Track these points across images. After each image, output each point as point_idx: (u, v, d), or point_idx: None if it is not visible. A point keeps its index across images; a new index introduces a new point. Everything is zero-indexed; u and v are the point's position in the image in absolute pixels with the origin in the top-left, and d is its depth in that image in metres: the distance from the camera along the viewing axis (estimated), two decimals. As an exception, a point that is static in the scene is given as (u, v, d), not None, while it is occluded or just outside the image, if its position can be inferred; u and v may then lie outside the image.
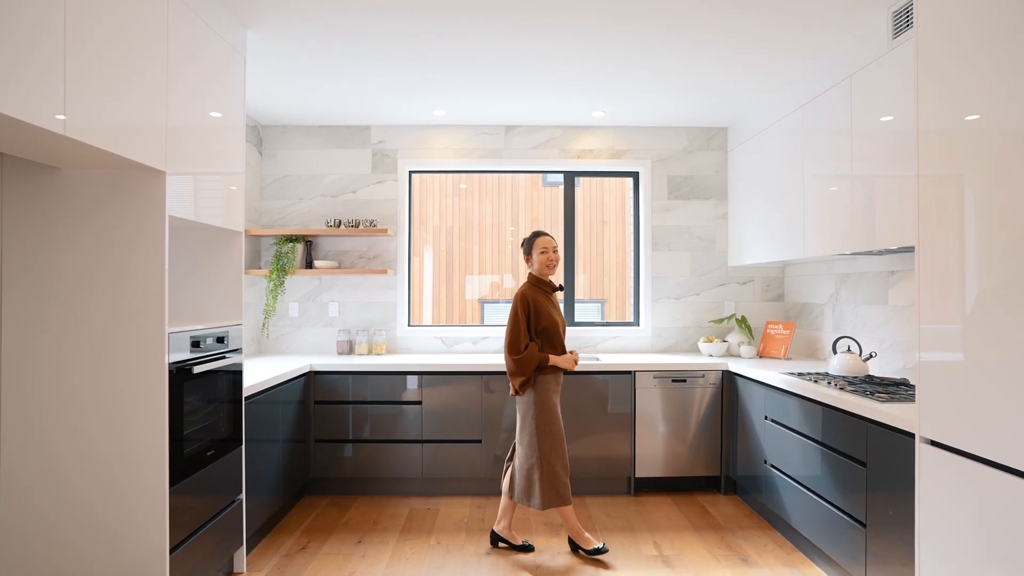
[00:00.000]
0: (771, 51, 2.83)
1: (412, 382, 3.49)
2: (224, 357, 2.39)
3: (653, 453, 3.51)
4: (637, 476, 3.52)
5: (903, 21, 2.37)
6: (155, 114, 1.91)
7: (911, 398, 2.29)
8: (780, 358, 3.66)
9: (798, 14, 2.46)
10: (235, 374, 2.50)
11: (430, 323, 4.82)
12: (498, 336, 4.09)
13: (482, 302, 6.56)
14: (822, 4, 2.40)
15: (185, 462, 2.10)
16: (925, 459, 1.88)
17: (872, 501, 2.21)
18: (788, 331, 3.69)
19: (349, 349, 3.92)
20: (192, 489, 2.14)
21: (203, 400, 2.26)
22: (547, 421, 2.69)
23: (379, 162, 4.07)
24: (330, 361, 3.55)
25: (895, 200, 2.42)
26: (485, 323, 5.84)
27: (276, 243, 3.88)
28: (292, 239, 3.88)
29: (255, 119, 3.92)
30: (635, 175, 4.22)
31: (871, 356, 2.88)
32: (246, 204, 3.82)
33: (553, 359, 2.73)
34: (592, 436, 3.50)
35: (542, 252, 2.78)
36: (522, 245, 2.93)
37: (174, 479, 2.01)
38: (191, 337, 2.16)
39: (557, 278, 3.04)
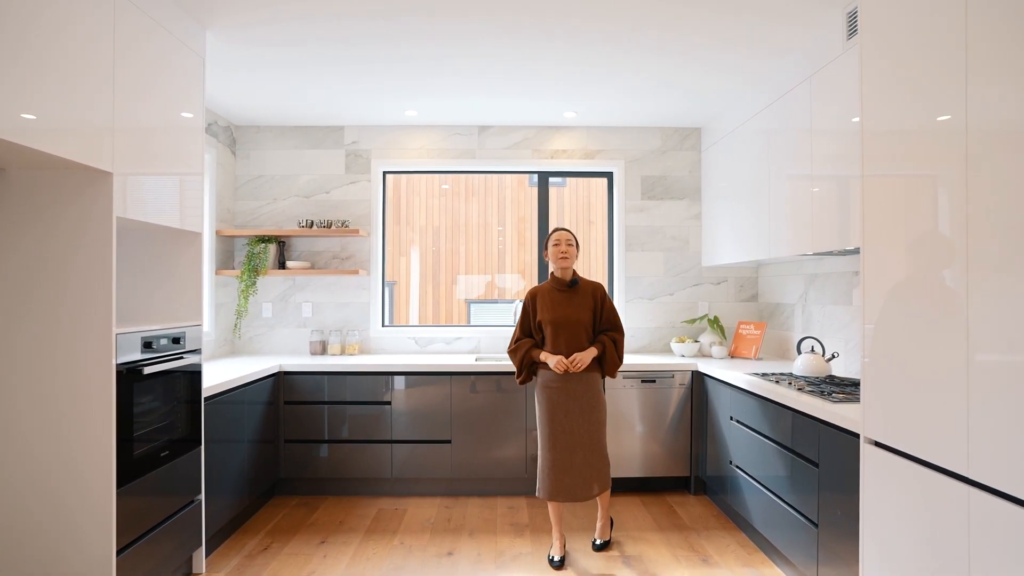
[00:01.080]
0: (740, 49, 2.82)
1: (382, 383, 3.49)
2: (181, 358, 2.39)
3: (624, 454, 3.52)
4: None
5: (856, 23, 2.38)
6: (100, 115, 1.91)
7: (854, 398, 2.30)
8: (751, 358, 3.66)
9: (762, 10, 2.46)
10: (193, 375, 2.50)
11: (417, 323, 4.83)
12: (471, 337, 4.09)
13: (468, 303, 6.58)
14: (782, 1, 2.40)
15: (135, 463, 2.10)
16: (868, 460, 1.89)
17: (824, 501, 2.22)
18: (759, 331, 3.70)
19: (322, 349, 3.92)
20: (143, 490, 2.14)
21: (158, 401, 2.26)
22: (540, 415, 2.76)
23: (353, 163, 4.07)
24: (300, 361, 3.55)
25: (851, 201, 2.43)
26: (472, 323, 5.85)
27: (248, 244, 3.88)
28: (264, 239, 3.88)
29: (228, 120, 3.92)
30: (609, 175, 4.23)
31: (833, 356, 2.89)
32: (219, 205, 3.82)
33: (544, 356, 2.73)
34: (562, 436, 3.50)
35: (555, 245, 2.78)
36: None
37: (122, 481, 2.01)
38: (143, 338, 2.16)
39: (567, 273, 2.85)
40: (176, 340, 2.39)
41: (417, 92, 3.44)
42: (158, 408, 2.27)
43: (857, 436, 2.02)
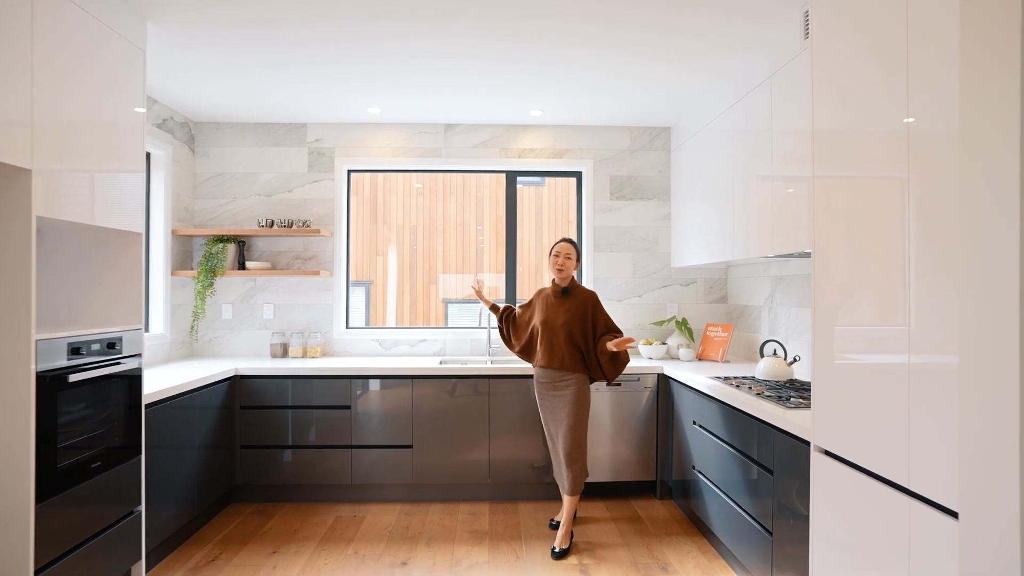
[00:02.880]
0: (704, 46, 2.75)
1: (343, 386, 3.41)
2: (117, 363, 2.29)
3: (591, 458, 3.46)
4: (572, 481, 3.46)
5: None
6: (15, 108, 1.81)
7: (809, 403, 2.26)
8: (718, 361, 3.62)
9: (723, 6, 2.39)
10: (132, 380, 2.40)
11: (394, 324, 4.75)
12: (437, 339, 4.02)
13: (446, 302, 6.49)
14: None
15: (61, 476, 2.00)
16: (818, 468, 1.84)
17: (778, 509, 2.17)
18: (727, 333, 3.66)
19: (283, 352, 3.82)
20: (70, 503, 2.04)
21: (89, 409, 2.16)
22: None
23: (316, 161, 3.97)
24: (257, 365, 3.46)
25: (805, 203, 2.38)
26: (439, 325, 5.78)
27: (206, 243, 3.77)
28: (223, 239, 3.77)
29: (186, 116, 3.81)
30: (578, 175, 4.17)
31: (795, 360, 2.85)
32: (177, 203, 3.71)
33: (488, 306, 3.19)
34: (526, 441, 3.44)
35: (554, 256, 3.00)
36: None
37: (44, 494, 1.91)
38: (70, 344, 2.06)
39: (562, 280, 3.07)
40: (112, 345, 2.29)
41: (381, 90, 3.36)
42: (90, 416, 2.16)
43: (807, 444, 1.97)
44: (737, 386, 2.70)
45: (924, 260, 1.38)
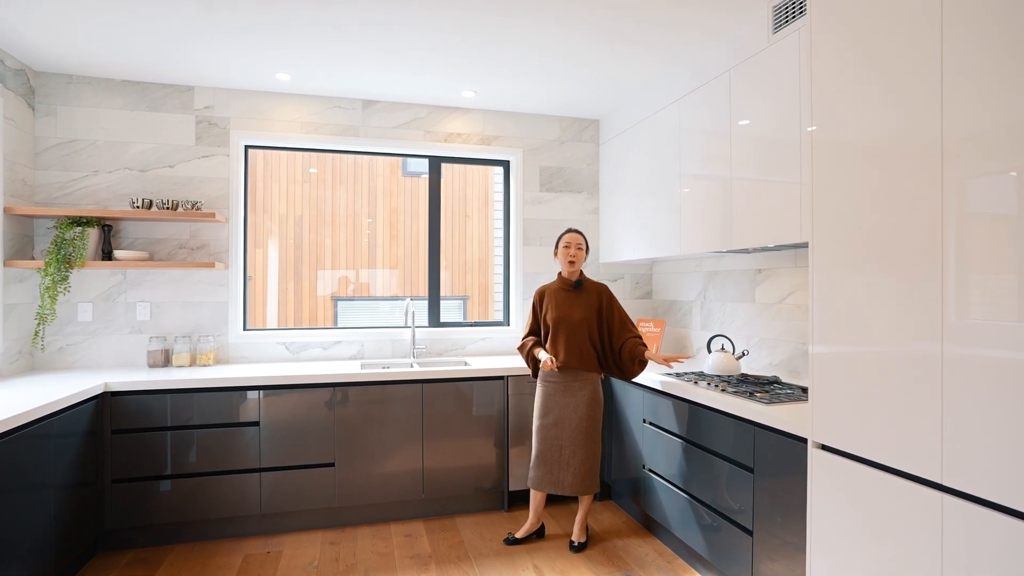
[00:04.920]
0: (654, 29, 2.63)
1: (247, 398, 2.87)
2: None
3: (527, 463, 3.26)
4: (511, 490, 3.25)
5: (783, 17, 2.34)
6: None
7: (790, 398, 2.27)
8: (652, 356, 3.61)
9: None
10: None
11: (274, 325, 4.15)
12: (353, 340, 3.58)
13: (335, 299, 5.94)
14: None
15: None
16: (818, 465, 1.80)
17: (760, 508, 2.13)
18: (659, 329, 3.66)
19: (165, 360, 3.16)
20: None
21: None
22: (536, 406, 2.83)
23: (205, 132, 3.34)
24: (133, 378, 2.80)
25: (775, 199, 2.39)
26: (339, 324, 5.26)
27: (57, 227, 3.00)
28: (81, 222, 3.02)
29: (23, 62, 2.99)
30: (506, 164, 3.95)
31: (743, 354, 2.89)
32: (9, 174, 2.90)
33: (537, 351, 2.81)
34: (462, 449, 3.16)
35: (565, 247, 2.82)
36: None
37: None
38: None
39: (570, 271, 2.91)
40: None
41: (293, 54, 2.88)
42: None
43: (799, 440, 1.94)
44: (695, 382, 2.67)
45: (971, 256, 1.35)
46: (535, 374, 2.91)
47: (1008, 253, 1.28)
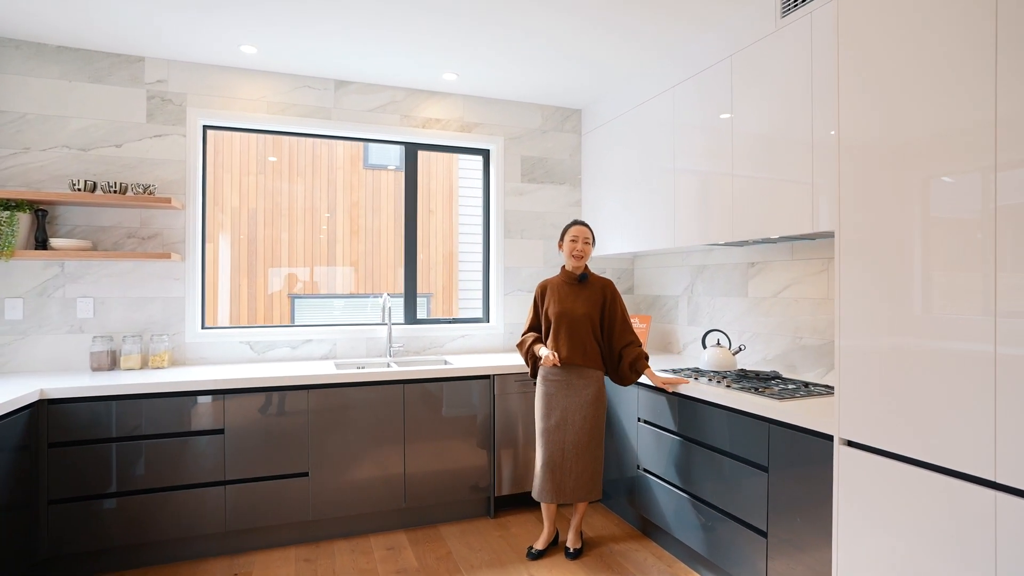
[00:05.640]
0: (645, 13, 2.54)
1: (210, 403, 2.59)
2: None
3: (515, 467, 3.11)
4: (498, 495, 3.08)
5: (793, 0, 2.27)
6: None
7: (800, 394, 2.20)
8: (638, 353, 3.51)
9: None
10: None
11: (226, 324, 3.84)
12: (324, 339, 3.32)
13: (292, 297, 5.61)
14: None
15: None
16: (845, 462, 1.73)
17: (775, 508, 2.05)
18: (645, 325, 3.57)
19: (111, 363, 2.82)
20: None
21: None
22: (537, 407, 2.68)
23: (158, 109, 3.01)
24: (77, 383, 2.47)
25: (783, 191, 2.31)
26: (296, 322, 4.96)
27: (-18, 211, 2.62)
28: (10, 205, 2.65)
29: (-58, 22, 2.60)
30: (485, 153, 3.78)
31: (740, 349, 2.82)
32: (-76, 149, 2.51)
33: (537, 347, 2.67)
34: (445, 453, 2.97)
35: (572, 241, 2.68)
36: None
37: None
38: None
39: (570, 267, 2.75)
40: None
41: (260, 25, 2.61)
42: None
43: (821, 436, 1.87)
44: (695, 378, 2.58)
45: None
46: (534, 373, 2.74)
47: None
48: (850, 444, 1.73)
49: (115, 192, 2.78)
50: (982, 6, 1.36)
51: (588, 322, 2.62)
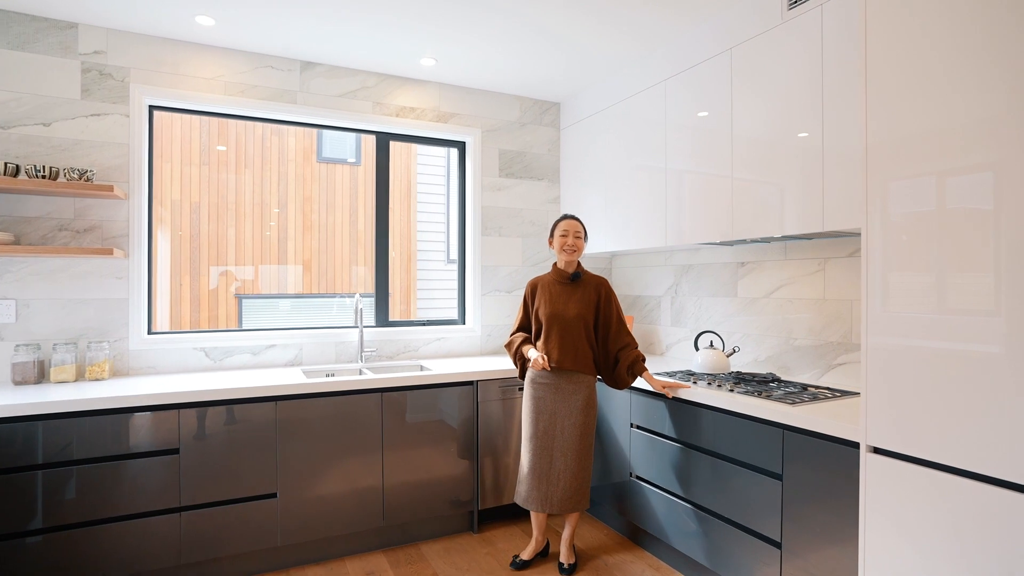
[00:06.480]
0: (646, 2, 2.44)
1: (162, 419, 2.28)
2: None
3: (497, 477, 2.93)
4: (482, 508, 2.90)
5: (800, -9, 2.20)
6: None
7: (805, 397, 2.13)
8: (621, 355, 3.41)
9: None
10: None
11: (166, 328, 3.46)
12: (289, 343, 3.04)
13: (239, 298, 5.22)
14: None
15: None
16: (874, 470, 1.66)
17: (790, 517, 1.97)
18: (628, 326, 3.47)
19: (39, 375, 2.45)
20: None
21: None
22: (524, 412, 2.56)
23: (95, 84, 2.64)
24: None
25: (789, 190, 2.25)
26: (244, 325, 4.60)
27: None
28: (-86, 192, 2.24)
29: None
30: (461, 146, 3.58)
31: (735, 351, 2.76)
32: None
33: (527, 349, 2.54)
34: (427, 466, 2.76)
35: (562, 236, 2.53)
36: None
37: None
38: None
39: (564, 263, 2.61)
40: None
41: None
42: None
43: (843, 443, 1.80)
44: (694, 382, 2.48)
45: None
46: (522, 375, 2.61)
47: None
48: (876, 451, 1.67)
49: (43, 177, 2.41)
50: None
51: (581, 324, 2.49)
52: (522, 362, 2.59)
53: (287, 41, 2.80)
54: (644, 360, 2.51)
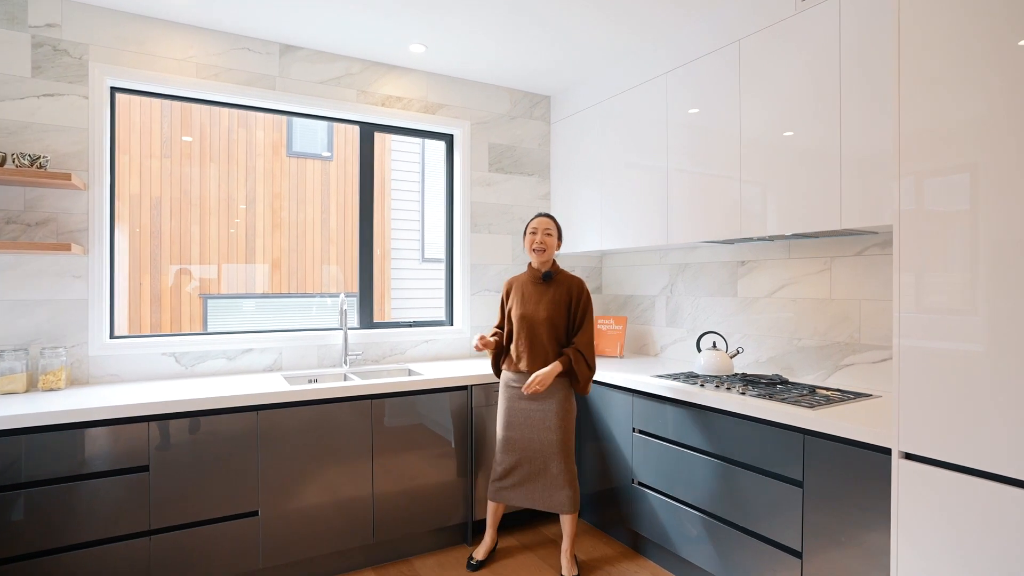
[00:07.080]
0: None
1: (129, 433, 2.05)
2: None
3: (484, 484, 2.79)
4: (476, 519, 2.75)
5: (815, -19, 2.13)
6: None
7: (819, 400, 2.07)
8: (616, 356, 3.31)
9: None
10: None
11: (124, 332, 3.19)
12: (267, 347, 2.82)
13: (204, 298, 4.92)
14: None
15: None
16: (908, 477, 1.59)
17: (811, 526, 1.90)
18: (621, 326, 3.38)
19: (-16, 385, 2.18)
20: None
21: None
22: (499, 413, 2.51)
23: (48, 61, 2.38)
24: (-59, 415, 1.85)
25: (803, 185, 2.18)
26: (209, 328, 4.34)
27: None
28: None
29: None
30: (448, 138, 3.41)
31: (739, 352, 2.69)
32: None
33: (506, 374, 2.50)
34: (419, 477, 2.59)
35: (531, 234, 2.47)
36: None
37: None
38: None
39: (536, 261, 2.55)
40: None
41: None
42: None
43: (873, 449, 1.73)
44: (701, 384, 2.40)
45: None
46: (497, 372, 2.61)
47: None
48: (908, 456, 1.60)
49: (-9, 164, 2.15)
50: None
51: (550, 327, 2.41)
52: (494, 357, 2.58)
53: (267, 21, 2.59)
54: (572, 360, 2.37)
